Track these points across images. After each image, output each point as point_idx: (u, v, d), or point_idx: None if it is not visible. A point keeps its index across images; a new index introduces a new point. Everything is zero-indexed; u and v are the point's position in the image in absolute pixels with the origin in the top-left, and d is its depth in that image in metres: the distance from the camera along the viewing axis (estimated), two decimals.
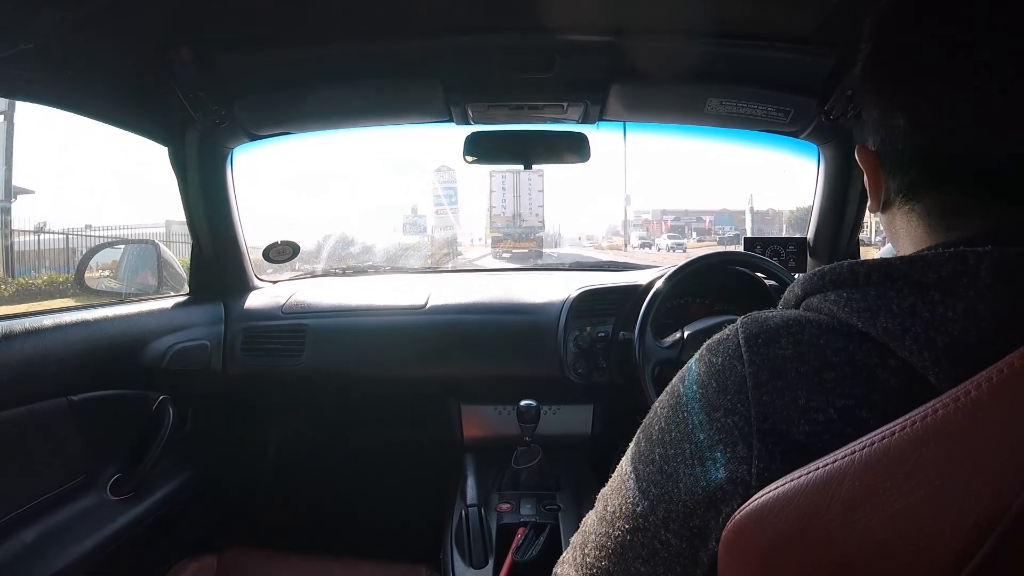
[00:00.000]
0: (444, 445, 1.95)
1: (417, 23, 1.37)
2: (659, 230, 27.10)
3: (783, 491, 0.43)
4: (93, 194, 24.21)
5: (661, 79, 1.58)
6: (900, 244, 0.57)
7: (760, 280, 1.75)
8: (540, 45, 1.44)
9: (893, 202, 0.56)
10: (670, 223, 27.28)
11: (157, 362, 1.62)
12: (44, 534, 1.29)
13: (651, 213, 28.53)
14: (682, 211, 28.72)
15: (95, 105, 1.46)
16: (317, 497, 2.22)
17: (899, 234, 0.57)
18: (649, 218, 28.39)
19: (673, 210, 28.90)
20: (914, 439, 0.38)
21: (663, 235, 24.00)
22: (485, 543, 1.49)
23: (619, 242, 24.74)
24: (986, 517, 0.34)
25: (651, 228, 27.38)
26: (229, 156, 1.83)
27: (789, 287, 0.57)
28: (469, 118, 1.74)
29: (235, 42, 1.40)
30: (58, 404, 1.34)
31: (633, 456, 0.58)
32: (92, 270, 1.88)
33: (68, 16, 1.08)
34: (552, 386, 1.80)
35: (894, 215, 0.57)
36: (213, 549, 1.60)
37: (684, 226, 26.91)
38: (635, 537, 0.55)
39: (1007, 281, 0.42)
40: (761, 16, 1.33)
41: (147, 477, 1.54)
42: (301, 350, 1.83)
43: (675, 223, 27.15)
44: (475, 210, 24.44)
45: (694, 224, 27.43)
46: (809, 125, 1.68)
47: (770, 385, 0.47)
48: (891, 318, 0.45)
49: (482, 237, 24.01)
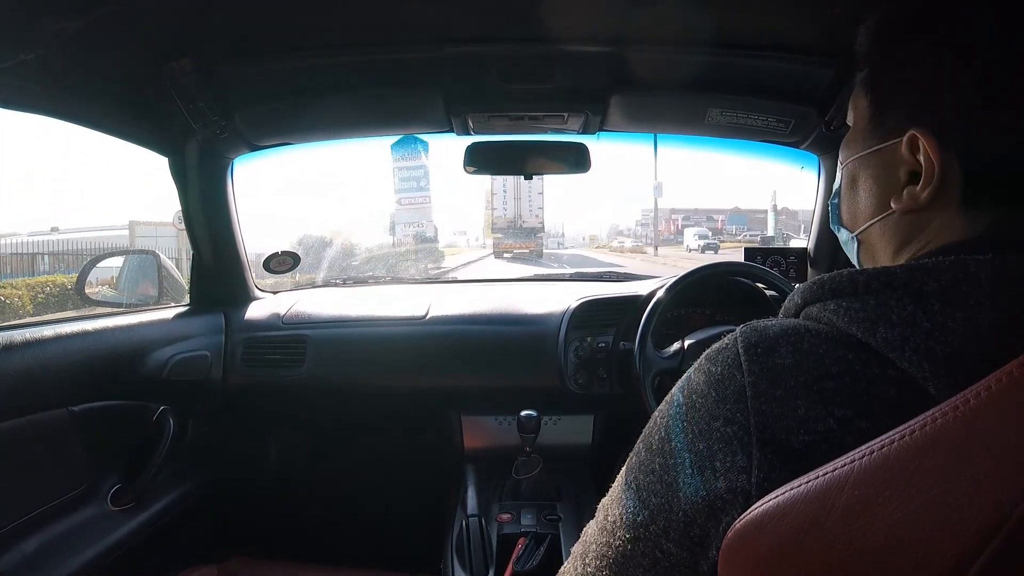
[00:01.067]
0: (444, 455, 1.95)
1: (417, 34, 1.37)
2: (668, 230, 26.67)
3: (783, 500, 0.43)
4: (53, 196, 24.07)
5: (661, 89, 1.58)
6: (913, 247, 0.56)
7: (760, 290, 1.75)
8: (540, 55, 1.44)
9: (940, 203, 0.53)
10: (680, 223, 26.85)
11: (158, 372, 1.61)
12: (45, 544, 1.28)
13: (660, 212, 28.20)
14: (692, 210, 28.20)
15: (95, 116, 1.46)
16: (318, 507, 2.21)
17: (922, 236, 0.55)
18: (650, 217, 28.03)
19: (682, 209, 28.37)
20: (913, 448, 0.38)
21: (693, 233, 23.59)
22: (485, 553, 1.49)
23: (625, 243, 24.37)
24: (986, 525, 0.34)
25: (660, 227, 27.03)
26: (230, 167, 1.83)
27: (789, 296, 0.57)
28: (469, 128, 1.74)
29: (235, 53, 1.41)
30: (58, 415, 1.34)
31: (633, 466, 0.58)
32: (92, 285, 1.88)
33: (68, 26, 1.08)
34: (552, 396, 1.79)
35: (932, 216, 0.54)
36: (214, 559, 1.59)
37: (694, 226, 26.37)
38: (636, 546, 0.55)
39: (1008, 289, 0.42)
40: (761, 26, 1.34)
41: (148, 487, 1.54)
42: (302, 360, 1.83)
43: (685, 223, 26.71)
44: (463, 202, 23.75)
45: (705, 223, 26.81)
46: (810, 135, 1.68)
47: (769, 394, 0.47)
48: (890, 328, 0.45)
49: (479, 236, 23.72)
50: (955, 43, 0.51)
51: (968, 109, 0.50)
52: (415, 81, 1.56)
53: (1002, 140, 0.50)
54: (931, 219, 0.54)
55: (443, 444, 1.95)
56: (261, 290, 2.08)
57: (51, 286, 8.39)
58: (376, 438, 2.21)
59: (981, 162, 0.51)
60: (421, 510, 1.94)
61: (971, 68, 0.50)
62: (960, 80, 0.51)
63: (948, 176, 0.52)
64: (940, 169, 0.51)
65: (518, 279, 2.43)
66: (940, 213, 0.53)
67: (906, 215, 0.56)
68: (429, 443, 2.05)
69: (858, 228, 0.62)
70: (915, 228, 0.56)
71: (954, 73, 0.51)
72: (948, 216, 0.53)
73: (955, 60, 0.51)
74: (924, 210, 0.54)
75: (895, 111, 0.56)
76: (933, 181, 0.52)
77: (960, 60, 0.51)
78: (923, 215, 0.55)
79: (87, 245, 9.60)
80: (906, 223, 0.57)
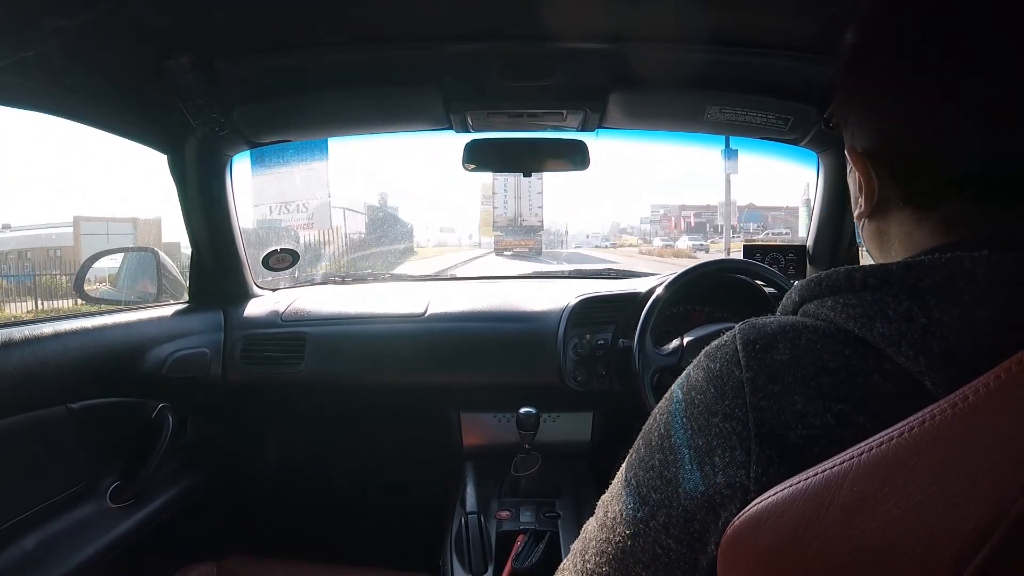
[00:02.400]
0: (444, 452, 1.95)
1: (417, 31, 1.37)
2: (678, 227, 25.74)
3: (782, 496, 0.43)
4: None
5: (660, 87, 1.58)
6: (892, 250, 0.57)
7: (759, 287, 1.75)
8: (540, 53, 1.44)
9: (890, 207, 0.56)
10: (693, 219, 25.91)
11: (157, 370, 1.61)
12: (44, 542, 1.28)
13: (667, 208, 26.73)
14: (703, 206, 26.59)
15: (94, 113, 1.46)
16: (317, 504, 2.22)
17: (891, 240, 0.57)
18: (664, 213, 27.00)
19: (693, 205, 26.39)
20: (912, 444, 0.38)
21: (687, 238, 22.80)
22: (485, 550, 1.49)
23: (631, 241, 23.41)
24: (984, 522, 0.34)
25: (669, 225, 26.20)
26: (228, 164, 1.83)
27: (787, 294, 0.58)
28: (469, 126, 1.74)
29: (235, 50, 1.40)
30: (57, 412, 1.34)
31: (633, 462, 0.58)
32: (90, 283, 1.87)
33: (67, 24, 1.08)
34: (552, 393, 1.79)
35: (888, 221, 0.57)
36: (213, 556, 1.59)
37: (706, 223, 25.13)
38: (635, 542, 0.55)
39: (1003, 286, 0.42)
40: (760, 23, 1.34)
41: (147, 484, 1.54)
42: (301, 358, 1.83)
43: (697, 220, 25.61)
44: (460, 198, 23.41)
45: (719, 220, 24.76)
46: (808, 133, 1.68)
47: (767, 390, 0.48)
48: (887, 323, 0.45)
49: (472, 234, 23.75)
50: (884, 68, 0.55)
51: (888, 124, 0.54)
52: (414, 78, 1.56)
53: (920, 146, 0.52)
54: (889, 223, 0.57)
55: (442, 441, 1.95)
56: (260, 287, 2.08)
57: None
58: (375, 435, 2.21)
59: (906, 169, 0.54)
60: (420, 507, 1.94)
61: (888, 89, 0.54)
62: (880, 102, 0.55)
63: (886, 183, 0.55)
64: (868, 181, 0.56)
65: (517, 276, 2.42)
66: (893, 217, 0.56)
67: (872, 221, 0.59)
68: (428, 440, 2.05)
69: (857, 233, 0.65)
70: (882, 232, 0.58)
71: (874, 95, 0.56)
72: (899, 220, 0.56)
73: (881, 85, 0.55)
74: (880, 215, 0.58)
75: (848, 133, 0.60)
76: (865, 190, 0.57)
77: (881, 84, 0.55)
78: (882, 220, 0.58)
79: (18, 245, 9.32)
80: (874, 228, 0.59)
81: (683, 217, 25.98)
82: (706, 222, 25.51)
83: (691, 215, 26.11)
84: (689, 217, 26.00)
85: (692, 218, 25.92)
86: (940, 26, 0.49)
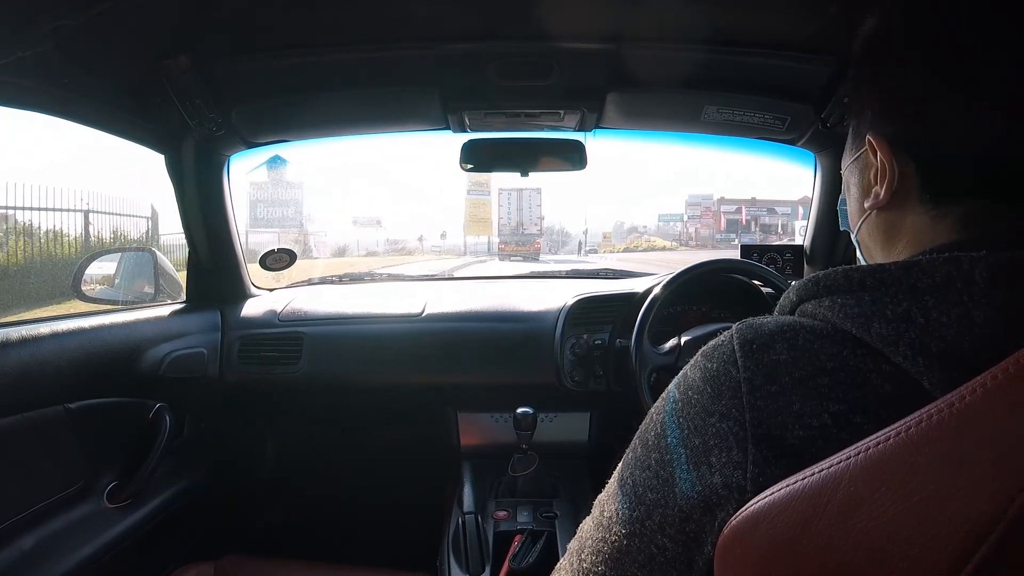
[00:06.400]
0: (441, 452, 1.95)
1: (414, 31, 1.37)
2: (717, 224, 22.76)
3: (778, 496, 0.43)
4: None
5: (658, 87, 1.58)
6: (899, 246, 0.57)
7: (757, 287, 1.76)
8: (537, 53, 1.44)
9: (906, 201, 0.56)
10: (744, 215, 22.34)
11: (154, 370, 1.61)
12: (41, 542, 1.28)
13: (704, 200, 23.72)
14: (746, 200, 23.11)
15: (91, 113, 1.45)
16: (314, 504, 2.21)
17: (900, 236, 0.57)
18: (703, 207, 23.39)
19: (733, 199, 23.44)
20: (909, 444, 0.38)
21: None
22: (482, 550, 1.49)
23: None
24: (982, 522, 0.34)
25: (706, 220, 24.22)
26: (226, 164, 1.83)
27: (784, 294, 0.58)
28: (466, 126, 1.74)
29: (232, 50, 1.40)
30: (55, 412, 1.34)
31: (629, 462, 0.58)
32: (87, 283, 1.87)
33: (65, 24, 1.08)
34: (549, 393, 1.80)
35: (903, 214, 0.57)
36: (210, 556, 1.59)
37: (752, 220, 22.10)
38: (632, 542, 0.55)
39: (1002, 286, 0.42)
40: (758, 23, 1.34)
41: (144, 484, 1.54)
42: (298, 358, 1.82)
43: (736, 216, 22.69)
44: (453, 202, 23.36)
45: (764, 218, 22.08)
46: (806, 133, 1.68)
47: (765, 390, 0.48)
48: (885, 323, 0.45)
49: (446, 232, 24.95)
50: (905, 57, 0.54)
51: (916, 113, 0.53)
52: (412, 78, 1.56)
53: (950, 139, 0.52)
54: (903, 216, 0.57)
55: (439, 441, 1.95)
56: (257, 287, 2.08)
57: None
58: (372, 435, 2.21)
59: (931, 159, 0.53)
60: (417, 507, 1.94)
61: (918, 77, 0.53)
62: (908, 88, 0.54)
63: (906, 174, 0.55)
64: (891, 168, 0.55)
65: (514, 276, 2.42)
66: (910, 210, 0.56)
67: (882, 214, 0.59)
68: (425, 440, 2.05)
69: (854, 230, 0.65)
70: (892, 226, 0.58)
71: (903, 82, 0.54)
72: (916, 212, 0.55)
73: (905, 71, 0.54)
74: (895, 208, 0.57)
75: (864, 120, 0.59)
76: (887, 178, 0.55)
77: (908, 70, 0.54)
78: (896, 213, 0.57)
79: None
80: (883, 222, 0.59)
81: (722, 213, 23.70)
82: (752, 219, 22.22)
83: (731, 210, 22.54)
84: (726, 214, 23.63)
85: (732, 214, 22.62)
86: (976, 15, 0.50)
